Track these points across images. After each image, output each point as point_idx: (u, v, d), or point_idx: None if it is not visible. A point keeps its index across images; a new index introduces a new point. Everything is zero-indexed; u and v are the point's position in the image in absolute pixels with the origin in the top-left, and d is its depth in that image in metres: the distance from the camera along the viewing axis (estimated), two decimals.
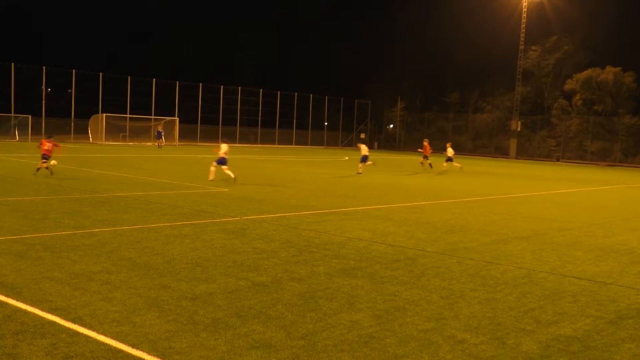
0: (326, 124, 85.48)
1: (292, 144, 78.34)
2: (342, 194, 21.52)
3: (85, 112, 61.06)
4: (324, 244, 11.69)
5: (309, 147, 77.92)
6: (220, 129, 72.06)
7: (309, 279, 8.87)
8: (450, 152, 37.98)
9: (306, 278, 8.93)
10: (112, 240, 10.98)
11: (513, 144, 74.25)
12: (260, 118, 76.80)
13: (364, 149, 31.98)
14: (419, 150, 39.58)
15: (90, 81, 62.32)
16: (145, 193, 18.54)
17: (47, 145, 23.94)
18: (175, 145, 61.75)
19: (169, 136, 64.04)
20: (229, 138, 71.75)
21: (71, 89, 61.62)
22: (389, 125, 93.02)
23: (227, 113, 73.43)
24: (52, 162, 24.87)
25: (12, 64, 57.34)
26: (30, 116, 55.61)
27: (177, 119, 65.42)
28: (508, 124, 75.71)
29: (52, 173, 23.15)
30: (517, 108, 73.39)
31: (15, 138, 54.65)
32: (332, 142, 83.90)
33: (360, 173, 31.51)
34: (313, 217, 15.30)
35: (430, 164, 38.10)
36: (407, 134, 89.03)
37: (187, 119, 68.20)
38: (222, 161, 23.87)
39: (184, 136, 66.26)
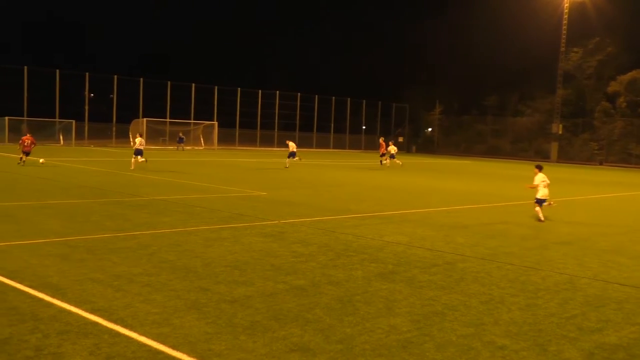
0: (364, 127, 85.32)
1: (329, 148, 78.38)
2: (379, 197, 21.43)
3: (126, 116, 62.18)
4: (362, 247, 11.66)
5: (347, 150, 77.84)
6: (258, 132, 72.61)
7: (347, 283, 8.85)
8: (393, 149, 41.04)
9: (344, 282, 8.92)
10: (153, 242, 11.14)
11: (554, 148, 72.97)
12: (297, 122, 77.05)
13: (291, 145, 35.94)
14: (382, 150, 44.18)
15: (131, 86, 63.52)
16: (185, 196, 18.78)
17: (27, 142, 28.54)
18: (214, 149, 62.38)
19: (208, 140, 64.76)
20: (268, 142, 72.31)
21: (112, 94, 62.90)
22: (427, 128, 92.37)
23: (264, 117, 73.94)
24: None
25: (57, 70, 58.82)
26: (74, 121, 56.95)
27: (215, 123, 66.11)
28: (548, 127, 74.40)
29: (23, 163, 28.02)
30: (559, 111, 72.13)
31: (60, 142, 55.98)
32: (370, 146, 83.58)
33: (287, 167, 34.98)
34: (351, 220, 15.28)
35: (383, 161, 41.72)
36: (445, 137, 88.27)
37: (226, 123, 68.85)
38: (138, 152, 29.58)
39: (222, 140, 66.91)
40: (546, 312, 7.93)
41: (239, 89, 71.14)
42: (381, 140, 43.39)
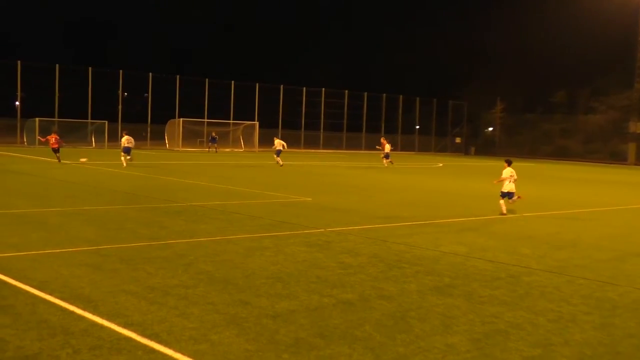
0: (417, 127, 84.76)
1: (383, 149, 77.94)
2: (435, 203, 21.26)
3: (162, 116, 63.19)
4: (416, 258, 11.58)
5: (399, 152, 77.40)
6: (302, 133, 72.79)
7: (400, 297, 8.78)
8: (387, 148, 44.29)
9: (396, 296, 8.85)
10: (189, 252, 11.27)
11: (632, 148, 71.12)
12: (345, 121, 77.00)
13: (278, 143, 40.05)
14: (377, 147, 48.33)
15: (166, 85, 64.61)
16: (223, 202, 18.97)
17: (52, 140, 32.07)
18: (255, 151, 62.84)
19: (249, 141, 65.37)
20: (314, 143, 72.56)
21: (147, 93, 64.01)
22: (487, 128, 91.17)
23: (309, 117, 74.15)
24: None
25: (90, 68, 60.25)
26: (106, 122, 58.02)
27: (256, 123, 66.56)
28: (625, 126, 72.55)
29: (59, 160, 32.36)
30: (637, 107, 70.24)
31: (92, 144, 57.28)
32: (424, 147, 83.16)
33: (281, 165, 38.52)
34: (403, 229, 15.20)
35: (390, 162, 44.08)
36: (507, 137, 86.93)
37: (268, 123, 69.33)
38: (126, 150, 32.77)
39: (264, 141, 67.36)
40: (624, 333, 7.70)
41: (281, 86, 71.59)
42: (382, 139, 46.51)
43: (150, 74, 63.42)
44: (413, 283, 9.69)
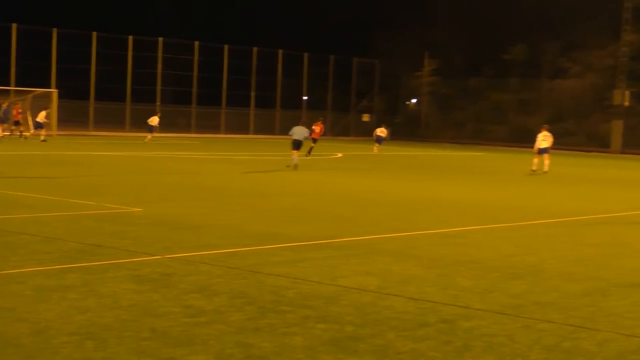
0: (305, 98, 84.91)
1: (247, 132, 78.01)
2: (332, 214, 21.53)
3: None
4: (303, 298, 11.66)
5: (278, 137, 77.69)
6: (128, 107, 71.52)
7: (278, 358, 8.85)
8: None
9: (273, 356, 8.90)
10: None
11: (617, 129, 73.48)
12: (195, 90, 76.30)
13: (154, 119, 45.33)
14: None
15: None
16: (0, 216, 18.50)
17: None
18: (51, 135, 61.07)
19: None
20: (144, 123, 71.66)
21: None
22: (409, 99, 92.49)
23: (140, 81, 72.92)
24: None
25: None
26: None
27: (54, 91, 64.73)
28: (609, 96, 74.83)
29: None
30: (625, 69, 72.82)
31: None
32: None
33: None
34: (284, 253, 15.29)
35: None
36: (440, 114, 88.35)
37: (73, 92, 67.74)
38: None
39: (68, 120, 65.60)
40: None
41: (94, 34, 70.01)
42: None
43: None
44: (299, 335, 9.75)
